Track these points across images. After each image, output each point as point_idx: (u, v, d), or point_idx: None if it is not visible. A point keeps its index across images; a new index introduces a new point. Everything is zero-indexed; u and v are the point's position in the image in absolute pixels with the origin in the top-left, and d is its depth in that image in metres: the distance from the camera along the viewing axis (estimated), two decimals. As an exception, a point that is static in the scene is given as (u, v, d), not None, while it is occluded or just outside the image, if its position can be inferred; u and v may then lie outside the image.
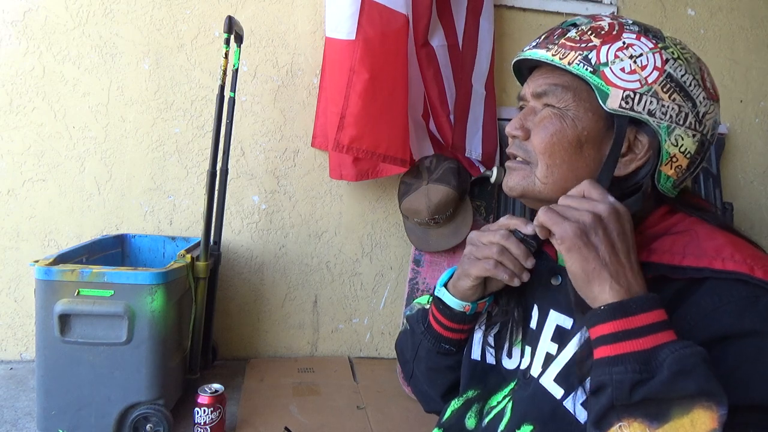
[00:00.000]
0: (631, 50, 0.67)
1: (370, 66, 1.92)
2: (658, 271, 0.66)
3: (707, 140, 0.69)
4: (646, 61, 0.66)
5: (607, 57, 0.67)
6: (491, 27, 2.22)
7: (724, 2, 2.58)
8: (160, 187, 2.15)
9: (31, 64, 2.02)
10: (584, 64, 0.67)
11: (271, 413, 1.78)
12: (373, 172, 2.14)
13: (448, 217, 2.02)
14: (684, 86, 0.67)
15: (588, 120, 0.69)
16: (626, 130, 0.68)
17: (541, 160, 0.71)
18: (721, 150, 2.58)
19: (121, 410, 1.56)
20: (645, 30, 0.69)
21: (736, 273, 0.61)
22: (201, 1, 2.11)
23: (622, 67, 0.66)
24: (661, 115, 0.66)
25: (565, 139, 0.69)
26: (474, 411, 0.83)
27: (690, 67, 0.68)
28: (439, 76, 2.11)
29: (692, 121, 0.67)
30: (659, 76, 0.66)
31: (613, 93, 0.66)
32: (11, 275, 2.08)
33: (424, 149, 2.20)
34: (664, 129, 0.66)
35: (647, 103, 0.66)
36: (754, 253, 0.65)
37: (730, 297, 0.60)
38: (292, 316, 2.31)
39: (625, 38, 0.68)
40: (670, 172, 0.68)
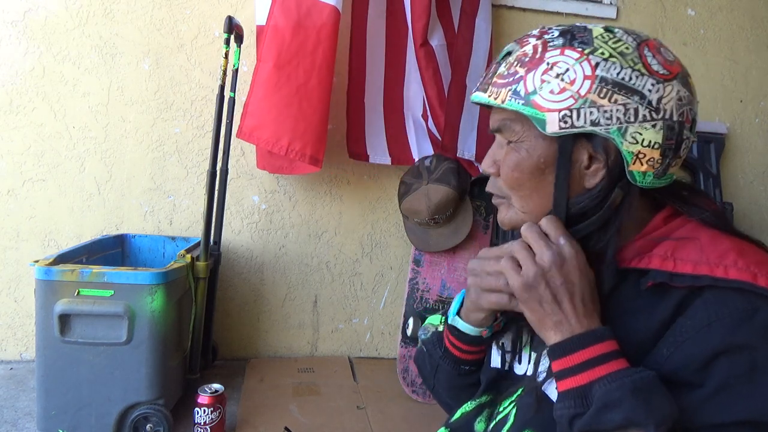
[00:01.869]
0: (556, 69, 0.64)
1: (276, 55, 1.87)
2: (658, 278, 0.65)
3: (674, 123, 0.65)
4: (573, 74, 0.64)
5: (533, 84, 0.65)
6: (488, 26, 2.21)
7: (724, 2, 2.58)
8: (160, 187, 2.15)
9: (31, 64, 2.02)
10: (515, 98, 0.66)
11: (271, 413, 1.78)
12: (287, 167, 2.08)
13: (448, 217, 2.02)
14: (623, 83, 0.63)
15: (541, 147, 0.68)
16: (572, 149, 0.66)
17: (513, 194, 0.72)
18: (721, 150, 2.58)
19: (121, 410, 1.56)
20: (571, 39, 0.66)
21: (737, 282, 0.60)
22: (201, 1, 2.11)
23: (551, 89, 0.64)
24: (606, 121, 0.64)
25: (526, 170, 0.69)
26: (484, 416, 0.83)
27: (626, 60, 0.64)
28: (438, 75, 2.10)
29: (646, 113, 0.63)
30: (592, 84, 0.63)
31: (549, 118, 0.64)
32: (11, 275, 2.08)
33: (424, 149, 2.20)
34: (614, 133, 0.64)
35: (587, 115, 0.63)
36: (760, 259, 0.63)
37: (726, 310, 0.59)
38: (292, 316, 2.31)
39: (548, 58, 0.65)
40: (643, 168, 0.65)
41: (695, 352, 0.59)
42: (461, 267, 2.13)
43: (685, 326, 0.61)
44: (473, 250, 2.13)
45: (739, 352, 0.58)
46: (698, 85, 2.48)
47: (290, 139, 1.91)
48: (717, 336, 0.59)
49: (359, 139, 2.17)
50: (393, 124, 2.20)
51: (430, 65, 2.07)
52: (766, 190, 2.73)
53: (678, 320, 0.62)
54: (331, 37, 1.92)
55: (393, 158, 2.20)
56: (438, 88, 2.09)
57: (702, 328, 0.59)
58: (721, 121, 2.62)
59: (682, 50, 2.56)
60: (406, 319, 2.07)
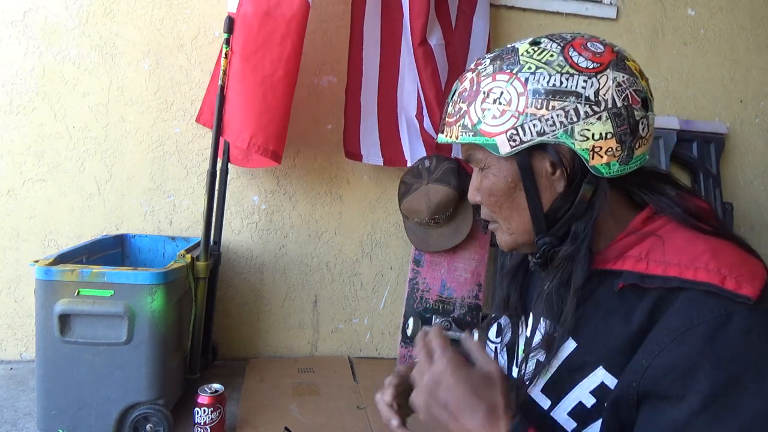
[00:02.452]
0: (492, 95, 0.68)
1: (243, 45, 1.83)
2: (629, 279, 0.65)
3: (619, 109, 0.65)
4: (508, 95, 0.67)
5: (477, 115, 0.69)
6: (486, 26, 2.21)
7: (724, 2, 2.58)
8: (160, 187, 2.15)
9: (31, 64, 2.02)
10: (465, 132, 0.70)
11: (271, 413, 1.78)
12: (242, 160, 2.04)
13: (448, 217, 2.02)
14: (556, 89, 0.66)
15: (504, 168, 0.70)
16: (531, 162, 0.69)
17: (496, 217, 0.75)
18: (721, 150, 2.58)
19: (121, 410, 1.56)
20: (500, 64, 0.69)
21: (705, 284, 0.59)
22: (201, 1, 2.11)
23: (493, 115, 0.68)
24: (550, 128, 0.66)
25: (498, 192, 0.72)
26: None
27: (553, 67, 0.66)
28: (437, 75, 2.09)
29: (587, 110, 0.65)
30: (527, 100, 0.66)
31: (499, 141, 0.68)
32: (11, 275, 2.08)
33: (416, 150, 2.18)
34: (562, 136, 0.66)
35: (532, 128, 0.66)
36: (734, 261, 0.61)
37: (700, 317, 0.58)
38: (292, 316, 2.30)
39: (483, 88, 0.69)
40: (604, 159, 0.66)
41: (671, 362, 0.58)
42: (461, 267, 2.13)
43: (661, 335, 0.60)
44: (473, 250, 2.13)
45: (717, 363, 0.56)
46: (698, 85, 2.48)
47: (253, 132, 1.84)
48: (693, 345, 0.57)
49: (354, 139, 2.16)
50: (386, 125, 2.19)
51: (428, 65, 2.07)
52: (766, 190, 2.73)
53: (654, 328, 0.61)
54: (300, 29, 1.87)
55: (385, 159, 2.19)
56: (436, 87, 2.08)
57: (677, 337, 0.59)
58: (721, 121, 2.62)
59: (682, 50, 2.56)
60: (406, 319, 2.07)
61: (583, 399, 0.67)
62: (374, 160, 2.19)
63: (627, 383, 0.62)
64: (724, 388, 0.55)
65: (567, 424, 0.68)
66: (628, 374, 0.62)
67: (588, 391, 0.66)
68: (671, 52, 2.55)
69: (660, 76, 2.54)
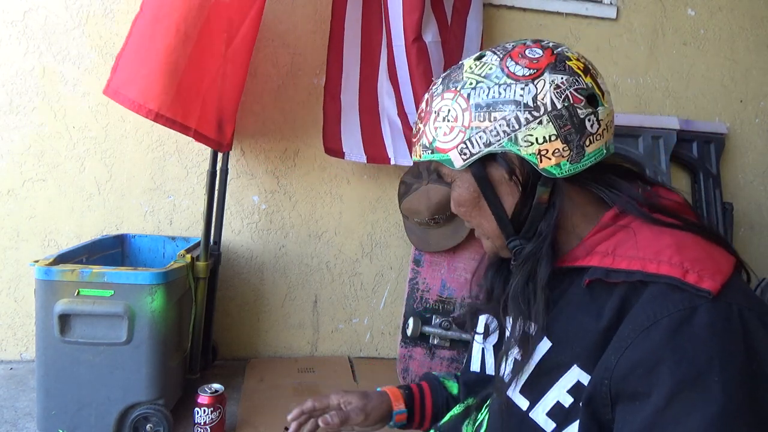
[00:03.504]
0: (441, 113, 0.72)
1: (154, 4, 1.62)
2: (595, 274, 0.66)
3: (559, 110, 0.67)
4: (455, 112, 0.70)
5: (431, 134, 0.73)
6: (479, 26, 2.19)
7: (724, 2, 2.58)
8: (160, 187, 2.15)
9: (31, 64, 2.02)
10: (425, 151, 0.74)
11: (271, 413, 1.78)
12: None
13: (448, 217, 2.02)
14: (495, 101, 0.68)
15: (466, 180, 0.74)
16: (486, 172, 0.72)
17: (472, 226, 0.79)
18: (721, 150, 2.58)
19: (121, 410, 1.56)
20: (447, 83, 0.73)
21: (666, 277, 0.60)
22: (201, 1, 2.11)
23: (444, 132, 0.71)
24: (495, 138, 0.68)
25: (465, 203, 0.76)
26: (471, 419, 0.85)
27: (491, 80, 0.69)
28: (429, 72, 2.06)
29: (527, 116, 0.67)
30: (470, 114, 0.69)
31: (452, 155, 0.71)
32: (11, 275, 2.08)
33: (399, 149, 2.16)
34: (507, 144, 0.68)
35: (479, 140, 0.69)
36: (698, 255, 0.62)
37: (664, 311, 0.58)
38: (292, 316, 2.30)
39: (434, 107, 0.73)
40: (552, 161, 0.68)
41: (637, 358, 0.58)
42: (461, 267, 2.12)
43: (627, 330, 0.60)
44: (473, 250, 2.13)
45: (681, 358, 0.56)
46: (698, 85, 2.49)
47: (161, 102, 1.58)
48: (656, 340, 0.57)
49: (335, 135, 2.13)
50: (368, 124, 2.16)
51: (421, 62, 2.03)
52: (766, 190, 2.73)
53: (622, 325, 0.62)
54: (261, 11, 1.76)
55: (368, 157, 2.16)
56: (428, 85, 2.06)
57: (642, 332, 0.59)
58: (721, 121, 2.62)
59: (682, 50, 2.56)
60: (406, 319, 2.07)
61: (560, 399, 0.67)
62: (357, 157, 2.15)
63: (599, 381, 0.62)
64: (688, 383, 0.55)
65: (546, 424, 0.68)
66: (599, 371, 0.62)
67: (565, 390, 0.67)
68: (671, 52, 2.55)
69: (660, 76, 2.54)
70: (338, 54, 2.10)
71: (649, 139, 2.43)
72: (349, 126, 2.15)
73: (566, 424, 0.66)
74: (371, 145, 2.17)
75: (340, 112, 2.13)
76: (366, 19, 2.12)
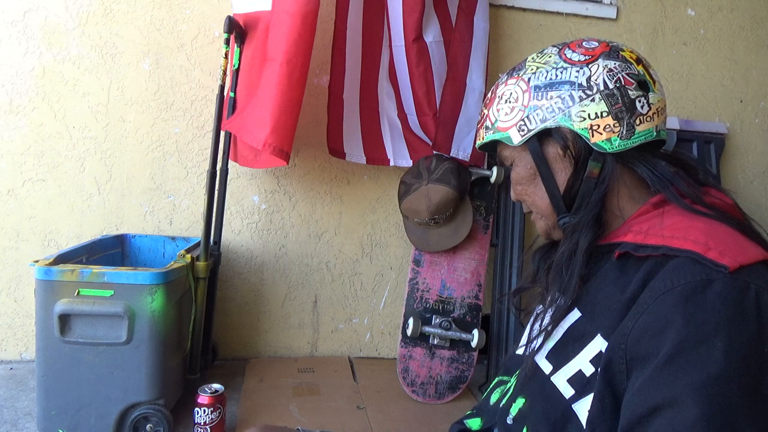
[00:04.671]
0: (504, 97, 0.80)
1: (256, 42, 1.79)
2: (624, 248, 0.71)
3: (611, 90, 0.73)
4: (516, 94, 0.79)
5: (494, 116, 0.82)
6: (486, 26, 2.18)
7: (724, 2, 2.58)
8: (160, 187, 2.15)
9: (31, 64, 2.02)
10: (487, 132, 0.83)
11: (271, 413, 1.78)
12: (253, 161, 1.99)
13: (448, 217, 2.02)
14: (552, 82, 0.76)
15: (523, 158, 0.82)
16: (541, 148, 0.78)
17: (528, 204, 0.85)
18: (721, 150, 2.58)
19: (121, 410, 1.56)
20: (511, 72, 0.82)
21: (688, 251, 0.62)
22: (201, 1, 2.11)
23: (505, 113, 0.80)
24: (551, 115, 0.76)
25: (523, 180, 0.83)
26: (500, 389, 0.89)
27: (550, 65, 0.77)
28: (430, 73, 2.06)
29: (580, 94, 0.74)
30: (529, 94, 0.77)
31: (511, 132, 0.79)
32: (11, 275, 2.08)
33: (399, 150, 2.16)
34: (562, 120, 0.75)
35: (536, 117, 0.77)
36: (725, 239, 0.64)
37: (681, 280, 0.61)
38: (292, 316, 2.31)
39: (498, 93, 0.82)
40: (603, 136, 0.74)
41: (650, 321, 0.61)
42: (461, 267, 2.13)
43: (645, 297, 0.63)
44: (473, 250, 2.13)
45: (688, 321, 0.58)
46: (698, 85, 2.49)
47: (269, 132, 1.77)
48: (669, 304, 0.60)
49: (337, 136, 2.13)
50: (368, 124, 2.16)
51: (421, 62, 2.03)
52: (766, 190, 2.73)
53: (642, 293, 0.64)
54: (313, 28, 1.84)
55: (368, 158, 2.16)
56: (428, 85, 2.06)
57: (658, 298, 0.61)
58: (721, 121, 2.62)
59: (682, 50, 2.56)
60: (406, 319, 2.07)
61: (582, 367, 0.69)
62: (356, 158, 2.16)
63: (616, 346, 0.64)
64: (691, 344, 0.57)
65: (566, 390, 0.70)
66: (616, 337, 0.64)
67: (588, 359, 0.69)
68: (671, 52, 2.55)
69: (660, 76, 2.53)
70: (341, 54, 2.10)
71: (649, 139, 2.43)
72: (350, 127, 2.15)
73: (585, 392, 0.68)
74: (371, 146, 2.17)
75: (343, 113, 2.13)
76: (367, 19, 2.12)
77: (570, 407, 0.68)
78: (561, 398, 0.70)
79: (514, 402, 0.79)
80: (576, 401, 0.68)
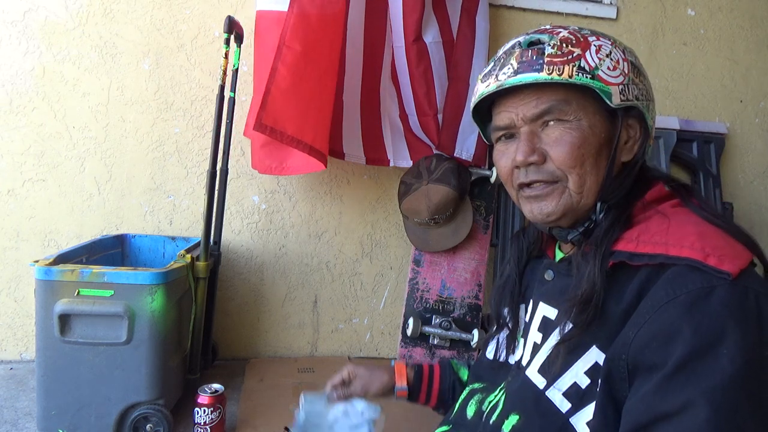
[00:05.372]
0: (604, 50, 0.72)
1: (303, 39, 1.75)
2: (619, 257, 0.68)
3: None
4: (616, 56, 0.72)
5: (594, 61, 0.71)
6: (487, 26, 2.19)
7: (724, 2, 2.58)
8: (160, 187, 2.15)
9: (31, 64, 2.02)
10: (582, 74, 0.70)
11: (271, 413, 1.78)
12: (278, 167, 1.97)
13: (448, 217, 2.02)
14: (640, 68, 0.75)
15: (599, 123, 0.72)
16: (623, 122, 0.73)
17: (571, 174, 0.72)
18: (721, 150, 2.58)
19: (121, 410, 1.56)
20: (593, 31, 0.76)
21: (687, 259, 0.61)
22: (201, 1, 2.11)
23: (608, 67, 0.71)
24: (643, 96, 0.74)
25: (589, 146, 0.72)
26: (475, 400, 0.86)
27: (633, 53, 0.76)
28: (430, 73, 2.06)
29: (652, 93, 0.76)
30: (628, 66, 0.73)
31: (614, 90, 0.71)
32: (11, 275, 2.08)
33: (399, 151, 2.16)
34: (645, 108, 0.74)
35: (633, 91, 0.72)
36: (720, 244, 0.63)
37: (683, 288, 0.60)
38: (292, 316, 2.30)
39: (593, 42, 0.72)
40: (650, 142, 0.77)
41: (654, 330, 0.60)
42: (461, 267, 2.13)
43: (646, 307, 0.62)
44: (473, 250, 2.13)
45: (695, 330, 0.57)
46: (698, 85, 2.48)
47: (313, 137, 1.78)
48: (674, 314, 0.59)
49: (336, 136, 2.12)
50: (369, 125, 2.15)
51: (421, 62, 2.04)
52: (766, 190, 2.73)
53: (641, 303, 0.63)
54: (341, 31, 1.87)
55: (367, 158, 2.15)
56: (428, 86, 2.06)
57: (660, 307, 0.60)
58: (721, 121, 2.62)
59: (682, 50, 2.56)
60: (406, 319, 2.07)
61: (578, 380, 0.68)
62: (356, 159, 2.15)
63: (617, 356, 0.63)
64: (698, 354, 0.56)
65: (562, 405, 0.69)
66: (616, 348, 0.63)
67: (583, 371, 0.68)
68: (671, 52, 2.55)
69: (660, 76, 2.54)
70: (341, 54, 2.10)
71: (649, 139, 2.43)
72: (350, 127, 2.14)
73: (582, 405, 0.67)
74: (371, 147, 2.16)
75: (342, 113, 2.13)
76: (369, 20, 2.12)
77: (568, 421, 0.68)
78: (558, 413, 0.68)
79: (506, 419, 0.75)
80: (573, 415, 0.67)
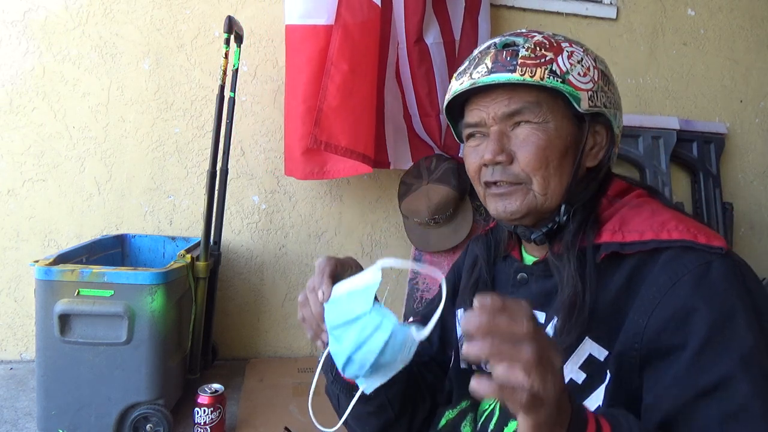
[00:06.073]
0: (575, 56, 0.73)
1: (349, 57, 1.82)
2: (610, 249, 0.69)
3: None
4: (587, 63, 0.74)
5: (565, 66, 0.72)
6: (488, 26, 2.20)
7: (724, 2, 2.58)
8: (160, 187, 2.15)
9: (31, 64, 2.02)
10: (554, 77, 0.71)
11: (271, 413, 1.78)
12: (319, 172, 2.02)
13: (448, 217, 2.02)
14: (609, 77, 0.77)
15: (566, 127, 0.73)
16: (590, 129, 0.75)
17: (535, 176, 0.73)
18: (721, 150, 2.58)
19: (121, 410, 1.56)
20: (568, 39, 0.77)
21: (681, 240, 0.65)
22: (201, 1, 2.11)
23: (579, 72, 0.72)
24: (609, 105, 0.75)
25: (555, 149, 0.72)
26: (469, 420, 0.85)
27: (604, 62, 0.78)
28: (432, 74, 2.07)
29: (620, 103, 0.78)
30: (599, 74, 0.75)
31: (583, 96, 0.72)
32: (11, 275, 2.08)
33: (400, 152, 2.16)
34: (612, 115, 0.75)
35: (601, 98, 0.74)
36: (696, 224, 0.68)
37: (684, 269, 0.63)
38: (292, 316, 2.30)
39: (565, 47, 0.74)
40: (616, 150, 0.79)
41: (668, 314, 0.62)
42: (461, 267, 2.12)
43: (651, 293, 0.64)
44: (473, 250, 2.13)
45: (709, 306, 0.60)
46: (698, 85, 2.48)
47: (365, 145, 1.90)
48: (683, 295, 0.62)
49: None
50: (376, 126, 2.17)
51: (423, 63, 2.05)
52: (766, 190, 2.73)
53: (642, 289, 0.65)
54: (378, 37, 1.92)
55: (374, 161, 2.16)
56: (430, 86, 2.06)
57: (668, 291, 0.63)
58: (721, 121, 2.62)
59: (682, 50, 2.56)
60: (406, 320, 2.07)
61: (573, 376, 0.68)
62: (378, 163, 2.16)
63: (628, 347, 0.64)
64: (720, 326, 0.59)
65: None
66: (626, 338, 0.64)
67: (577, 366, 0.68)
68: (671, 52, 2.55)
69: (660, 76, 2.54)
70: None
71: (649, 139, 2.43)
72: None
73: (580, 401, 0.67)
74: (376, 149, 2.17)
75: None
76: None
77: None
78: None
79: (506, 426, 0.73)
80: None
